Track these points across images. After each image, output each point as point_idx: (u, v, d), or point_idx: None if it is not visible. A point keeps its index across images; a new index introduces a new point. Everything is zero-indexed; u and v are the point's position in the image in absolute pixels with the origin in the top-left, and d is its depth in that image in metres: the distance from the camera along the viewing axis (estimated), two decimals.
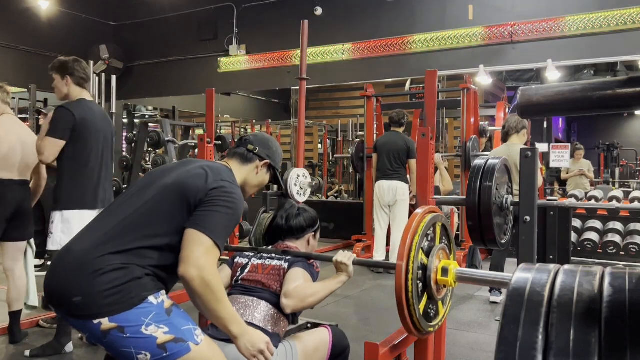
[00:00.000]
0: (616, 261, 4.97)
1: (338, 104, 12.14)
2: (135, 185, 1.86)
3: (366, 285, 5.16)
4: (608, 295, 0.97)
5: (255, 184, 1.98)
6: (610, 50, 6.23)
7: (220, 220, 1.66)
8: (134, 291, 1.56)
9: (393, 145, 5.64)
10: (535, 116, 1.36)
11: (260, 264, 2.19)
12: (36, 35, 8.79)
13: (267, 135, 2.06)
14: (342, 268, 2.13)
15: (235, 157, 1.96)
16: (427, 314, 2.08)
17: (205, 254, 1.59)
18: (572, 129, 16.79)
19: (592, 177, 8.85)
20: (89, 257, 1.58)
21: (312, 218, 2.36)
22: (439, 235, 2.13)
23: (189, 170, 1.76)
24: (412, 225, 1.98)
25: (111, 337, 1.53)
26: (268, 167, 1.99)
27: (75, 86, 3.14)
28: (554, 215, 2.61)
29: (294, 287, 2.03)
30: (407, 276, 1.90)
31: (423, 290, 2.01)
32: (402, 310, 1.94)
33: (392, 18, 7.43)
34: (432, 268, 2.00)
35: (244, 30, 8.49)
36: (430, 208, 2.18)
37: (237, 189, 1.77)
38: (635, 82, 1.16)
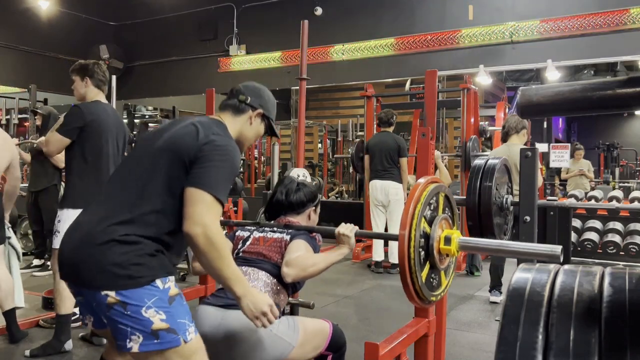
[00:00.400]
0: (616, 261, 4.96)
1: (338, 104, 12.14)
2: (131, 155, 1.84)
3: (366, 285, 5.17)
4: (608, 295, 0.97)
5: (251, 135, 1.93)
6: (610, 50, 6.23)
7: (218, 174, 1.63)
8: (143, 271, 1.57)
9: (384, 145, 5.67)
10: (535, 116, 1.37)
11: (262, 236, 2.20)
12: (36, 35, 8.79)
13: (259, 84, 2.00)
14: (344, 240, 2.12)
15: (227, 110, 1.90)
16: (430, 283, 2.08)
17: (207, 211, 1.58)
18: (572, 129, 16.79)
19: (592, 177, 8.85)
20: (97, 229, 1.60)
21: (312, 193, 2.35)
22: (442, 205, 2.11)
23: (178, 130, 1.73)
24: (415, 194, 1.96)
25: (114, 310, 1.55)
26: (262, 116, 1.94)
27: (93, 87, 3.24)
28: (554, 215, 2.61)
29: (295, 257, 2.03)
30: (410, 243, 1.89)
31: (425, 259, 2.00)
32: (404, 277, 1.93)
33: (392, 18, 7.43)
34: (435, 237, 1.98)
35: (244, 30, 8.49)
36: (433, 178, 2.14)
37: (229, 141, 1.74)
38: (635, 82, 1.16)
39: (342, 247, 2.13)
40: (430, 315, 2.52)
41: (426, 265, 2.02)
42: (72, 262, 1.62)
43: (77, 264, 1.60)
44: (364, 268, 5.97)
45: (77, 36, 9.20)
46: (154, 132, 1.84)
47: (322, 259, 2.07)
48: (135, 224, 1.60)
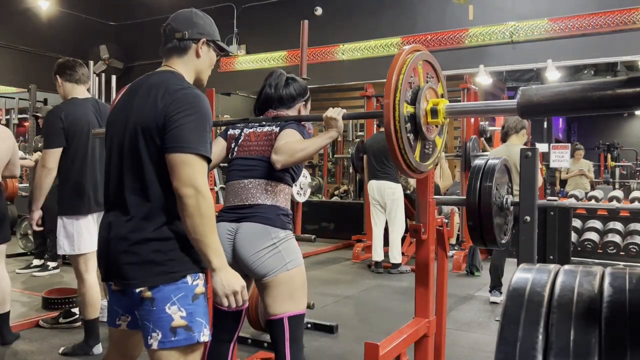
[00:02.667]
0: (616, 261, 4.96)
1: (338, 104, 12.13)
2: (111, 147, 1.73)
3: (366, 285, 5.17)
4: (608, 295, 0.97)
5: (205, 66, 1.83)
6: (610, 50, 6.23)
7: (190, 130, 1.56)
8: (177, 266, 1.59)
9: (379, 145, 5.68)
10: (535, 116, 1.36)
11: (253, 132, 2.18)
12: (36, 35, 8.79)
13: (187, 10, 1.88)
14: (332, 123, 2.09)
15: (172, 55, 1.78)
16: (425, 155, 2.05)
17: (194, 172, 1.54)
18: (572, 129, 16.79)
19: (592, 177, 8.85)
20: (125, 229, 1.61)
21: (302, 87, 2.31)
22: (422, 75, 2.01)
23: (137, 103, 1.66)
24: (392, 80, 1.83)
25: (144, 306, 1.58)
26: (206, 43, 1.80)
27: (67, 83, 3.13)
28: (554, 215, 2.61)
29: (283, 143, 2.03)
30: (397, 135, 1.83)
31: (415, 140, 1.96)
32: (399, 164, 1.91)
33: (392, 18, 7.43)
34: (421, 114, 1.92)
35: (244, 30, 8.49)
36: (406, 52, 1.95)
37: (188, 91, 1.64)
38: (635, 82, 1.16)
39: (331, 131, 2.10)
40: (430, 316, 2.52)
41: (417, 144, 1.99)
42: (111, 263, 1.64)
43: (115, 265, 1.62)
44: (364, 268, 5.97)
45: (77, 36, 9.20)
46: (116, 116, 1.74)
47: (311, 143, 2.05)
48: (155, 213, 1.60)
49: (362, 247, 6.42)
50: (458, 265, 5.70)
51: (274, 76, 2.29)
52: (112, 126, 1.76)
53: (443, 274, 2.64)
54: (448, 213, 6.22)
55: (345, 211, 8.32)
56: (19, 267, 5.46)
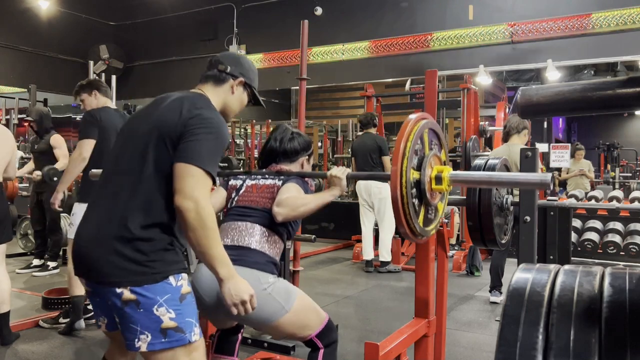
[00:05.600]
0: (616, 261, 4.96)
1: (338, 104, 12.14)
2: (120, 144, 1.78)
3: (366, 285, 5.17)
4: (608, 295, 0.97)
5: (235, 105, 1.90)
6: (610, 50, 6.23)
7: (205, 147, 1.60)
8: (158, 267, 1.57)
9: (365, 146, 5.71)
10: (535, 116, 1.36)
11: (255, 184, 2.20)
12: (36, 35, 8.79)
13: (236, 53, 2.02)
14: (336, 182, 2.11)
15: (208, 81, 1.87)
16: (427, 219, 2.07)
17: (197, 185, 1.55)
18: (572, 129, 16.79)
19: (592, 177, 8.85)
20: (108, 225, 1.59)
21: (306, 142, 2.34)
22: (427, 143, 2.05)
23: (161, 109, 1.70)
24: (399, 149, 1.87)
25: (128, 308, 1.55)
26: (244, 85, 1.91)
27: (103, 97, 3.63)
28: (554, 215, 2.61)
29: (286, 197, 2.03)
30: (404, 200, 1.85)
31: (420, 205, 1.98)
32: (404, 229, 1.93)
33: (392, 18, 7.43)
34: (426, 181, 1.95)
35: (244, 30, 8.49)
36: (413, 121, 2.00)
37: (214, 113, 1.71)
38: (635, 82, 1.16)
39: (334, 189, 2.12)
40: (430, 315, 2.52)
41: (421, 210, 2.00)
42: (87, 259, 1.61)
43: (93, 261, 1.59)
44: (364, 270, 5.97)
45: (77, 36, 9.19)
46: (137, 117, 1.80)
47: (313, 199, 2.06)
48: (141, 213, 1.59)
49: (362, 247, 6.42)
50: (458, 265, 5.70)
51: (279, 130, 2.33)
52: (129, 124, 1.81)
53: (443, 274, 2.64)
54: (448, 213, 6.22)
55: (345, 211, 8.30)
56: (19, 267, 5.46)
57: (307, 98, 3.55)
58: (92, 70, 5.57)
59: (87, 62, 5.80)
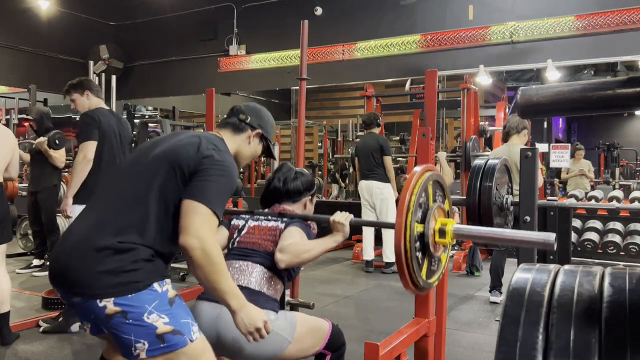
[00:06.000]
0: (616, 261, 4.96)
1: (338, 104, 12.13)
2: (129, 162, 1.84)
3: (366, 285, 5.16)
4: (608, 295, 0.97)
5: (248, 154, 1.95)
6: (610, 50, 6.22)
7: (216, 189, 1.64)
8: (139, 276, 1.56)
9: (367, 146, 5.74)
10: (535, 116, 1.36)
11: (257, 225, 2.19)
12: (36, 35, 8.79)
13: (259, 105, 2.03)
14: (339, 227, 2.13)
15: (227, 127, 1.93)
16: (430, 271, 2.08)
17: (204, 224, 1.58)
18: (572, 129, 16.78)
19: (592, 177, 8.85)
20: (91, 237, 1.59)
21: (310, 182, 2.35)
22: (431, 195, 2.06)
23: (180, 140, 1.74)
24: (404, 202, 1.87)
25: (114, 321, 1.53)
26: (260, 137, 1.97)
27: (95, 97, 3.59)
28: (554, 215, 2.61)
29: (288, 243, 2.03)
30: (407, 255, 1.86)
31: (423, 258, 1.99)
32: (406, 284, 1.93)
33: (393, 18, 7.43)
34: (429, 234, 1.95)
35: (244, 30, 8.49)
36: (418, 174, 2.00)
37: (229, 157, 1.76)
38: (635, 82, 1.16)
39: (337, 235, 2.13)
40: (430, 315, 2.52)
41: (424, 263, 2.01)
42: (66, 271, 1.59)
43: (72, 272, 1.57)
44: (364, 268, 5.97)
45: (77, 36, 9.19)
46: (154, 141, 1.84)
47: (316, 245, 2.07)
48: (130, 232, 1.59)
49: (362, 247, 6.41)
50: (458, 265, 5.70)
51: (283, 170, 2.34)
52: (144, 146, 1.84)
53: (443, 274, 2.63)
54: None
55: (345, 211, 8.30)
56: (19, 267, 5.46)
57: (307, 98, 3.55)
58: (92, 70, 5.56)
59: (87, 62, 5.79)
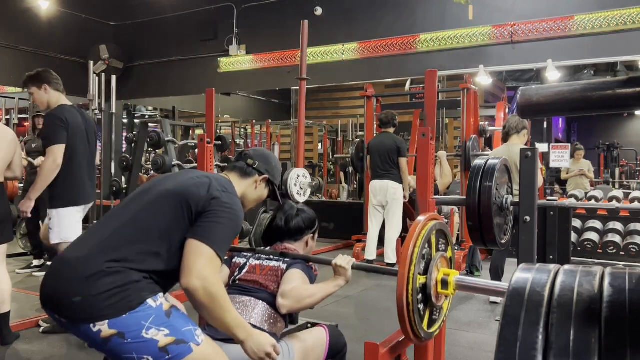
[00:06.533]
0: (616, 261, 4.96)
1: (338, 104, 12.13)
2: (135, 191, 1.87)
3: (366, 285, 5.17)
4: (608, 295, 0.96)
5: (254, 198, 2.00)
6: (610, 50, 6.22)
7: (222, 231, 1.67)
8: (132, 295, 1.56)
9: (382, 146, 5.74)
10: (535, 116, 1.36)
11: (258, 264, 2.18)
12: (36, 35, 8.79)
13: (267, 150, 2.09)
14: (341, 272, 2.13)
15: (234, 171, 1.97)
16: (432, 320, 2.08)
17: (207, 265, 1.59)
18: (572, 129, 16.78)
19: (592, 177, 8.85)
20: (86, 263, 1.58)
21: (311, 219, 2.35)
22: (434, 244, 2.07)
23: (192, 178, 1.77)
24: (407, 254, 1.89)
25: (112, 344, 1.53)
26: (267, 182, 2.01)
27: (54, 92, 3.39)
28: (554, 215, 2.61)
29: (290, 288, 2.02)
30: (409, 308, 1.87)
31: (425, 308, 2.00)
32: (408, 334, 1.93)
33: (393, 18, 7.43)
34: (432, 285, 1.96)
35: (244, 30, 8.49)
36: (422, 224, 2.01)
37: (237, 200, 1.79)
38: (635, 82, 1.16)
39: (339, 279, 2.13)
40: None
41: (426, 312, 2.01)
42: (56, 297, 1.59)
43: (64, 300, 1.56)
44: None
45: (77, 36, 9.19)
46: (164, 176, 1.88)
47: (318, 291, 2.06)
48: (127, 261, 1.59)
49: (362, 247, 6.41)
50: (458, 265, 5.70)
51: (285, 208, 2.35)
52: (151, 182, 1.86)
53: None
54: (448, 213, 6.22)
55: (345, 211, 8.32)
56: (19, 267, 5.46)
57: (307, 98, 3.56)
58: (92, 70, 5.56)
59: (87, 62, 5.79)
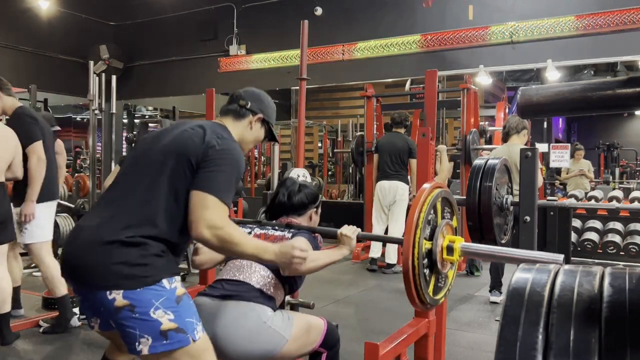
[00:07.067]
0: (616, 261, 4.96)
1: (338, 104, 12.13)
2: (134, 156, 1.84)
3: (366, 285, 5.16)
4: (608, 295, 0.97)
5: (251, 139, 1.97)
6: (610, 50, 6.23)
7: (223, 178, 1.67)
8: (150, 270, 1.58)
9: (393, 146, 5.70)
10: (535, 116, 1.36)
11: (263, 233, 2.20)
12: (36, 35, 8.79)
13: (258, 89, 2.03)
14: (346, 241, 2.15)
15: (228, 115, 1.94)
16: (437, 288, 2.08)
17: (213, 213, 1.61)
18: (572, 129, 16.79)
19: (592, 177, 8.85)
20: (102, 232, 1.60)
21: (314, 194, 2.36)
22: (440, 212, 2.08)
23: (185, 130, 1.76)
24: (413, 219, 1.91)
25: (122, 314, 1.55)
26: (262, 121, 1.98)
27: (8, 98, 3.46)
28: (554, 215, 2.61)
29: None
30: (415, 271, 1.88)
31: (430, 274, 2.00)
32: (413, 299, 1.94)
33: (392, 18, 7.43)
34: (437, 250, 1.97)
35: (244, 30, 8.50)
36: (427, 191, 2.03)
37: (234, 145, 1.78)
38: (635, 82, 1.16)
39: (343, 248, 2.15)
40: (430, 315, 2.52)
41: (432, 279, 2.02)
42: (77, 264, 1.62)
43: (83, 266, 1.60)
44: (364, 268, 5.97)
45: (77, 36, 9.19)
46: (157, 134, 1.85)
47: (322, 256, 2.08)
48: (140, 226, 1.61)
49: (362, 247, 6.42)
50: (458, 265, 5.69)
51: (287, 184, 2.35)
52: (144, 143, 1.86)
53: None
54: None
55: (345, 211, 8.32)
56: None
57: (307, 98, 3.55)
58: (92, 70, 5.56)
59: (87, 62, 5.79)
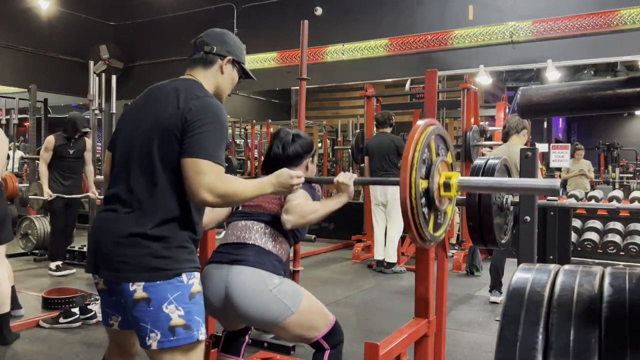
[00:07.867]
0: (616, 261, 4.96)
1: (338, 104, 12.14)
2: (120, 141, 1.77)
3: (366, 285, 5.16)
4: (608, 295, 0.97)
5: (227, 84, 1.90)
6: (610, 50, 6.23)
7: (209, 139, 1.61)
8: (172, 264, 1.59)
9: (381, 146, 5.72)
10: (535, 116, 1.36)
11: None
12: (36, 35, 8.79)
13: (220, 29, 1.93)
14: (343, 188, 2.14)
15: (196, 65, 1.84)
16: (437, 224, 2.08)
17: (208, 176, 1.58)
18: (572, 129, 16.79)
19: (592, 177, 8.85)
20: (122, 223, 1.61)
21: (308, 143, 2.34)
22: (434, 150, 2.06)
23: (158, 104, 1.70)
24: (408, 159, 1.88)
25: (139, 307, 1.57)
26: (232, 62, 1.87)
27: None
28: (554, 215, 2.61)
29: (295, 204, 2.04)
30: (414, 211, 1.87)
31: (429, 212, 2.00)
32: (414, 237, 1.95)
33: (392, 18, 7.43)
34: (434, 188, 1.96)
35: (244, 30, 8.49)
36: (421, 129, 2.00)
37: (210, 99, 1.71)
38: (635, 82, 1.16)
39: (341, 196, 2.16)
40: (430, 316, 2.52)
41: (431, 217, 2.01)
42: (102, 256, 1.63)
43: (107, 257, 1.61)
44: (364, 268, 5.97)
45: (77, 36, 9.19)
46: (134, 115, 1.77)
47: (322, 206, 2.09)
48: (157, 211, 1.61)
49: (362, 247, 6.42)
50: (458, 265, 5.70)
51: (280, 135, 2.33)
52: (125, 123, 1.79)
53: (443, 274, 2.64)
54: None
55: (345, 211, 8.26)
56: (18, 267, 5.45)
57: (307, 98, 3.56)
58: (92, 70, 5.56)
59: (87, 62, 5.79)
